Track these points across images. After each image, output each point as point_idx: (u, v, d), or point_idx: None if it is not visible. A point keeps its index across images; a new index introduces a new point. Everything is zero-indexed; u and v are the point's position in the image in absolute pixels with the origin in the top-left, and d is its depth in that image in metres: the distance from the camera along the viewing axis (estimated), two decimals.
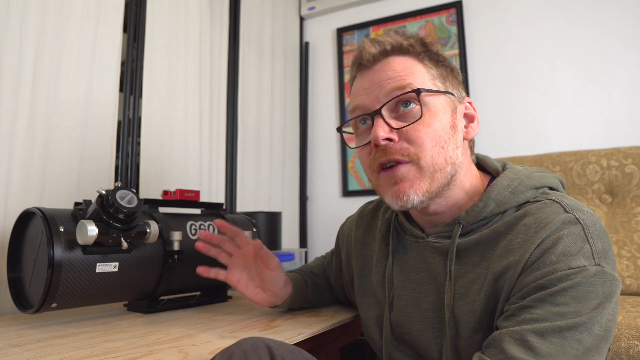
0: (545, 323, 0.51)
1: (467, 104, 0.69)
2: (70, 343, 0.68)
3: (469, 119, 0.69)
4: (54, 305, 0.76)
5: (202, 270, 0.82)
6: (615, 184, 1.35)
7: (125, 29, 1.33)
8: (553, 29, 1.73)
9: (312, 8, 2.20)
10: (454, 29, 1.91)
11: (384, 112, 0.63)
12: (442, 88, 0.66)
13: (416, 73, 0.64)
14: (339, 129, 0.75)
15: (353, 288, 0.85)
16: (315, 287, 0.93)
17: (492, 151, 1.78)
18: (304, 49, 2.23)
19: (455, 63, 1.89)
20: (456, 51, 1.90)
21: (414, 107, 0.63)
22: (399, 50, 0.66)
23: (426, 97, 0.63)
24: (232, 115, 1.73)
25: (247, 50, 1.84)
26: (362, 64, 0.68)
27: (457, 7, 1.91)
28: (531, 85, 1.76)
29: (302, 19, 2.26)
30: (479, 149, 1.97)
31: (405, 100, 0.63)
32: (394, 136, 0.62)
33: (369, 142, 0.65)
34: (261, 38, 1.94)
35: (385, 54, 0.66)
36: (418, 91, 0.62)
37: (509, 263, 0.57)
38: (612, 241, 1.30)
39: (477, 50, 1.88)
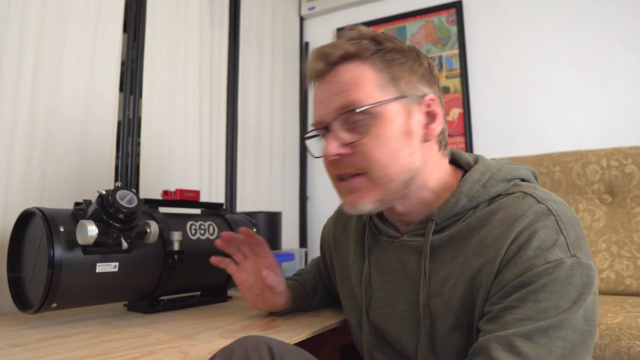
0: (529, 324, 0.51)
1: (430, 101, 0.64)
2: (70, 343, 0.68)
3: (431, 117, 0.65)
4: (54, 305, 0.76)
5: (215, 260, 0.84)
6: (615, 184, 1.35)
7: (125, 29, 1.33)
8: (553, 29, 1.73)
9: (312, 8, 2.20)
10: (454, 29, 1.91)
11: (336, 126, 0.63)
12: (392, 93, 0.62)
13: (363, 83, 0.62)
14: (303, 140, 0.74)
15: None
16: (315, 295, 0.93)
17: (492, 151, 1.78)
18: (304, 49, 2.23)
19: (455, 63, 1.89)
20: (456, 51, 1.90)
21: (362, 120, 0.62)
22: (347, 57, 0.63)
23: (374, 108, 0.61)
24: (232, 115, 1.73)
25: (247, 50, 1.84)
26: (312, 77, 0.67)
27: (457, 7, 1.91)
28: (531, 85, 1.75)
29: (302, 19, 2.26)
30: (479, 149, 1.95)
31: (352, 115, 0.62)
32: (345, 150, 0.63)
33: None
34: (261, 38, 1.94)
35: (332, 64, 0.64)
36: (353, 110, 0.61)
37: (485, 260, 0.57)
38: (612, 241, 1.30)
39: (477, 50, 1.88)
